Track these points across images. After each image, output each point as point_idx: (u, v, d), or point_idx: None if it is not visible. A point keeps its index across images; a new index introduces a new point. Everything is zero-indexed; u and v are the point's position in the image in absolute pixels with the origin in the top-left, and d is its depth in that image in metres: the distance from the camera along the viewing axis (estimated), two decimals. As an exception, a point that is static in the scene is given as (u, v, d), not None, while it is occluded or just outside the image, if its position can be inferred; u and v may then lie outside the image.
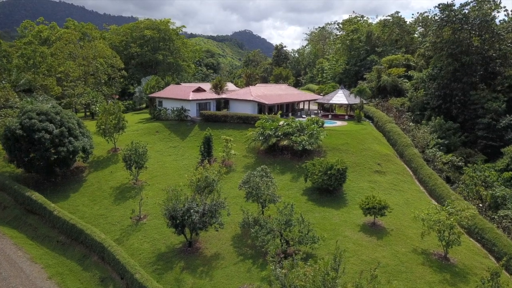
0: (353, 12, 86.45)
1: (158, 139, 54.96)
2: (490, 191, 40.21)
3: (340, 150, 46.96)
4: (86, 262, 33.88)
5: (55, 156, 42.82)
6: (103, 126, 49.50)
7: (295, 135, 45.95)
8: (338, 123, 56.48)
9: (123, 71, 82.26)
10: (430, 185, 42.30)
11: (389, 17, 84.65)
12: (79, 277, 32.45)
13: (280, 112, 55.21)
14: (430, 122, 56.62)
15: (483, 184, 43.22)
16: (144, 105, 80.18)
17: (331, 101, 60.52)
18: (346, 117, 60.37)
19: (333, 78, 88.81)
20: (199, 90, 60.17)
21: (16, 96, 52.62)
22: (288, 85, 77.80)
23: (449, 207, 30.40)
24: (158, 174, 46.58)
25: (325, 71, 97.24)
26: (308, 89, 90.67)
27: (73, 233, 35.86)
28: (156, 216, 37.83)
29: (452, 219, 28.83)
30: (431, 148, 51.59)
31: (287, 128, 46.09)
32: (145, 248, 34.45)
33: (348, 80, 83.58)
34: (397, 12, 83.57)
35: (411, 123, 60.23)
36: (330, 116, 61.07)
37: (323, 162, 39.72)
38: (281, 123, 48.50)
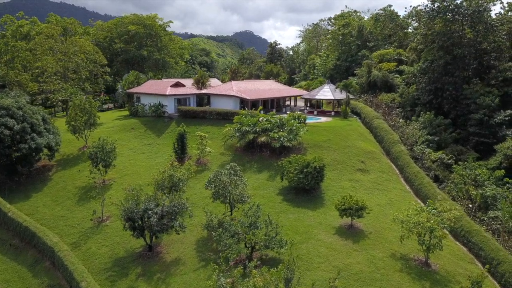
0: (346, 6, 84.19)
1: (133, 136, 52.26)
2: (480, 191, 37.40)
3: (322, 147, 44.19)
4: (37, 268, 31.21)
5: (17, 154, 40.26)
6: (73, 123, 46.81)
7: (273, 131, 43.21)
8: (323, 119, 53.71)
9: (107, 67, 79.56)
10: (416, 184, 39.54)
11: (381, 11, 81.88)
12: (27, 285, 29.78)
13: (260, 107, 52.43)
14: (420, 118, 53.81)
15: (474, 183, 40.41)
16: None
17: (316, 97, 57.72)
18: (332, 113, 57.58)
19: (324, 74, 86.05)
20: (177, 85, 57.45)
21: None
22: (277, 81, 75.05)
23: (430, 208, 27.59)
24: (128, 173, 43.92)
25: (316, 68, 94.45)
26: (301, 87, 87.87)
27: (26, 236, 33.29)
28: (119, 218, 35.06)
29: (432, 222, 26.04)
30: (420, 145, 48.77)
31: (266, 124, 43.38)
32: (103, 252, 31.78)
33: (339, 76, 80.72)
34: (389, 6, 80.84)
35: (401, 120, 57.46)
36: (315, 112, 58.31)
37: (300, 160, 36.99)
38: (261, 119, 45.75)
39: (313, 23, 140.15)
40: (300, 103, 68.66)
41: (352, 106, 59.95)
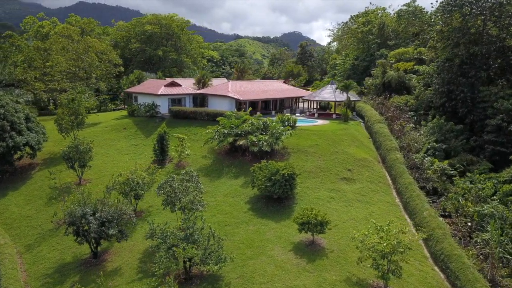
0: (370, 3, 78.28)
1: (123, 136, 51.42)
2: (478, 208, 32.56)
3: (307, 152, 40.80)
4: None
5: (-6, 152, 40.37)
6: (60, 122, 46.59)
7: (254, 134, 40.43)
8: (320, 122, 50.06)
9: (121, 67, 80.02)
10: (405, 197, 35.35)
11: (404, 7, 76.09)
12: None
13: (250, 109, 49.68)
14: (429, 123, 48.66)
15: (477, 198, 35.45)
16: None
17: (315, 98, 54.06)
18: (334, 115, 53.68)
19: (342, 74, 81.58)
20: (173, 84, 55.99)
21: None
22: (285, 82, 71.78)
23: (387, 227, 23.75)
24: (106, 174, 42.74)
25: (336, 68, 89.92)
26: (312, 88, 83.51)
27: (-20, 236, 32.76)
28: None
29: (384, 245, 22.31)
30: (424, 152, 43.98)
31: (246, 127, 40.67)
32: (51, 256, 30.64)
33: (356, 77, 76.02)
34: (414, 1, 74.85)
35: (411, 124, 52.54)
36: (316, 114, 54.67)
37: (270, 166, 33.99)
38: (249, 121, 42.97)
39: (342, 22, 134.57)
40: (312, 105, 64.93)
41: (359, 108, 55.84)
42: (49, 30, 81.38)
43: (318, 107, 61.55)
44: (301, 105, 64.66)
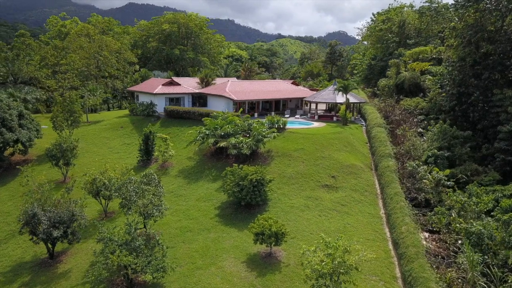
0: (395, 0, 72.82)
1: (119, 135, 51.40)
2: (465, 225, 29.21)
3: (291, 156, 38.61)
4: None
5: (-16, 148, 41.34)
6: (54, 119, 47.19)
7: (236, 136, 38.81)
8: (316, 124, 47.51)
9: (136, 65, 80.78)
10: (388, 208, 32.42)
11: (427, 3, 71.17)
12: None
13: (241, 109, 48.01)
14: (433, 128, 44.83)
15: (473, 214, 31.93)
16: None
17: (315, 99, 51.47)
18: (334, 118, 50.84)
19: (360, 75, 78.01)
20: (171, 83, 55.34)
21: None
22: (294, 81, 69.36)
23: (336, 244, 21.38)
24: (103, 170, 42.71)
25: (355, 68, 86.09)
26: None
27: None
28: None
29: (323, 264, 20.07)
30: (425, 160, 40.48)
31: (228, 128, 39.11)
32: (14, 254, 30.56)
33: (374, 77, 72.31)
34: (438, -3, 69.98)
35: (419, 129, 48.89)
36: (316, 116, 52.08)
37: (239, 171, 32.28)
38: (234, 122, 41.48)
39: (371, 19, 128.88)
40: (321, 106, 62.13)
41: (364, 111, 52.75)
42: (70, 29, 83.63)
43: (327, 108, 58.84)
44: (313, 106, 61.91)
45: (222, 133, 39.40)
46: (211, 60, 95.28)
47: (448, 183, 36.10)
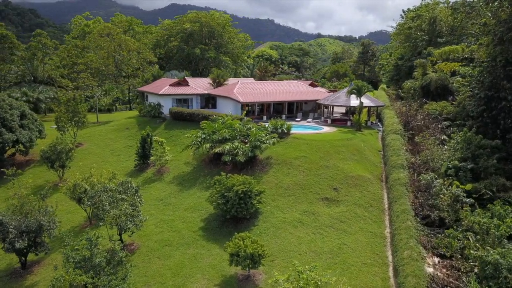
0: None
1: (123, 136, 50.06)
2: (481, 253, 25.05)
3: (291, 165, 35.43)
4: None
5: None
6: (58, 120, 46.49)
7: (232, 141, 36.14)
8: (325, 129, 43.92)
9: (156, 65, 79.88)
10: (394, 227, 28.69)
11: (460, -1, 65.26)
12: None
13: (245, 112, 45.23)
14: (456, 136, 40.09)
15: (494, 238, 27.61)
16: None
17: (327, 102, 47.79)
18: (348, 123, 46.97)
19: (386, 76, 73.19)
20: (179, 84, 53.38)
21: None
22: (312, 82, 65.69)
23: (309, 273, 18.27)
24: (87, 176, 41.44)
25: (382, 69, 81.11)
26: (383, 90, 75.10)
27: None
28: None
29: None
30: (444, 172, 36.07)
31: (224, 133, 36.51)
32: (-11, 262, 29.44)
33: (400, 79, 67.34)
34: (472, -9, 63.89)
35: (443, 136, 44.26)
36: (329, 121, 48.43)
37: (229, 180, 29.60)
38: (233, 126, 38.80)
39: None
40: (338, 109, 58.28)
41: (383, 115, 48.64)
42: (93, 29, 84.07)
43: (345, 112, 54.95)
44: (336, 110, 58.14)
45: (220, 138, 36.82)
46: (234, 59, 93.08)
47: (468, 200, 31.67)
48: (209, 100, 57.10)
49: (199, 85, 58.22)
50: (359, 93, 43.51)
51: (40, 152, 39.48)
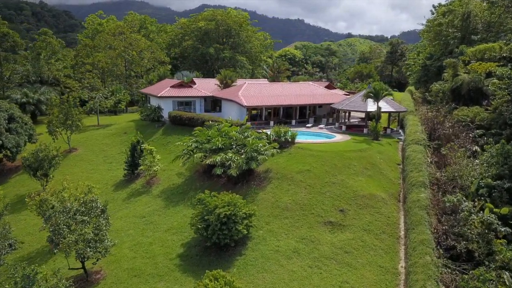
0: None
1: (120, 141, 46.71)
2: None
3: (293, 180, 30.67)
4: None
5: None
6: (50, 123, 43.58)
7: (227, 151, 31.77)
8: (338, 138, 38.78)
9: (168, 65, 76.70)
10: (409, 262, 23.52)
11: (499, -9, 58.40)
12: None
13: (246, 117, 40.77)
14: (491, 149, 34.12)
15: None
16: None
17: (342, 107, 42.56)
18: (365, 130, 41.59)
19: (413, 77, 66.94)
20: (181, 85, 49.43)
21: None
22: (329, 84, 60.46)
23: None
24: (59, 190, 38.13)
25: (409, 69, 74.62)
26: (410, 92, 68.94)
27: None
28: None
29: None
30: (475, 192, 30.38)
31: (217, 142, 32.18)
32: None
33: (429, 80, 60.99)
34: (512, -17, 56.92)
35: (475, 147, 38.38)
36: (344, 127, 43.24)
37: (212, 200, 25.24)
38: (232, 134, 34.37)
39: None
40: (357, 114, 52.64)
41: (405, 122, 43.10)
42: (105, 28, 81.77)
43: (365, 117, 49.44)
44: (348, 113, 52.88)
45: (213, 147, 32.49)
46: (251, 60, 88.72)
47: (504, 229, 25.98)
48: (217, 103, 53.12)
49: (206, 86, 54.27)
50: (377, 97, 38.16)
51: (21, 159, 36.39)
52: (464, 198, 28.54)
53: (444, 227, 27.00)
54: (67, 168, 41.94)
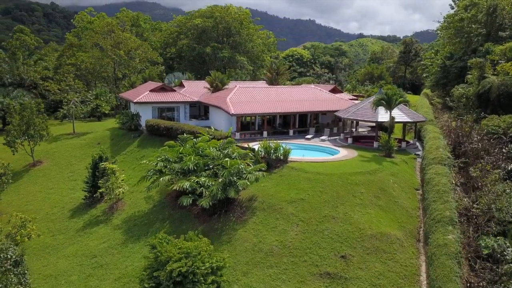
0: None
1: (90, 154, 40.13)
2: None
3: (282, 212, 24.09)
4: None
5: None
6: (8, 133, 37.67)
7: (200, 174, 25.35)
8: (344, 153, 32.03)
9: (161, 66, 70.65)
10: None
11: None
12: None
13: (231, 128, 34.29)
14: (535, 170, 27.23)
15: None
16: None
17: (347, 115, 35.85)
18: (375, 144, 34.77)
19: (431, 79, 59.87)
20: (163, 89, 43.10)
21: None
22: (335, 87, 53.75)
23: None
24: (29, 208, 32.20)
25: (426, 70, 67.45)
26: (426, 96, 61.90)
27: None
28: None
29: None
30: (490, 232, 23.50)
31: (189, 161, 25.74)
32: None
33: (449, 83, 53.91)
34: (547, -29, 49.38)
35: (511, 167, 31.35)
36: (350, 140, 36.51)
37: (166, 248, 18.81)
38: (207, 152, 27.84)
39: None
40: (366, 123, 45.71)
41: (423, 133, 36.25)
42: (96, 26, 75.98)
43: (375, 125, 42.60)
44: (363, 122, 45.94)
45: (185, 168, 26.06)
46: (253, 60, 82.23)
47: None
48: (207, 110, 46.83)
49: (196, 90, 48.02)
50: (389, 104, 31.30)
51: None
52: (505, 241, 21.66)
53: (481, 283, 20.18)
54: (25, 186, 36.05)
